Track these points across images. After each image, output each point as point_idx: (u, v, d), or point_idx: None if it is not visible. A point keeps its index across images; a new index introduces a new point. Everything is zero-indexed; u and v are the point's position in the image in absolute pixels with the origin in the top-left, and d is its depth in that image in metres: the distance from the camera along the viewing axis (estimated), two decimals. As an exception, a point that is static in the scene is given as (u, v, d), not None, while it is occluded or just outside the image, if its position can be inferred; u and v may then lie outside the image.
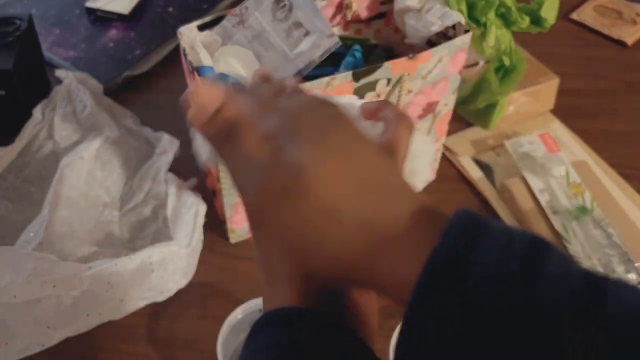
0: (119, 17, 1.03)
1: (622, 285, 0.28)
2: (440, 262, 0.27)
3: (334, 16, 0.76)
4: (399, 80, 0.66)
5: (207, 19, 0.67)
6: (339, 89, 0.63)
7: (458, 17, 0.68)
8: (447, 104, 0.74)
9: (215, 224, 0.75)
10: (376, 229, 0.30)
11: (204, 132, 0.36)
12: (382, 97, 0.67)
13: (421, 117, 0.73)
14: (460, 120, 0.88)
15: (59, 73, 0.88)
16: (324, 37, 0.63)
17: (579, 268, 0.28)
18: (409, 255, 0.29)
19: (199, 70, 0.62)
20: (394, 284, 0.30)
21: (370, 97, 0.66)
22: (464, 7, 0.71)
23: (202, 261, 0.72)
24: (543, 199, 0.77)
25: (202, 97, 0.36)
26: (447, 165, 0.85)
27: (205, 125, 0.36)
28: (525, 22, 0.74)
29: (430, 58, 0.66)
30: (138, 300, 0.67)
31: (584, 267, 0.29)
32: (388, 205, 0.31)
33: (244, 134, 0.34)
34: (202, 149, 0.39)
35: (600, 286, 0.27)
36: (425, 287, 0.27)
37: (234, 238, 0.76)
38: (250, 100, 0.36)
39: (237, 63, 0.66)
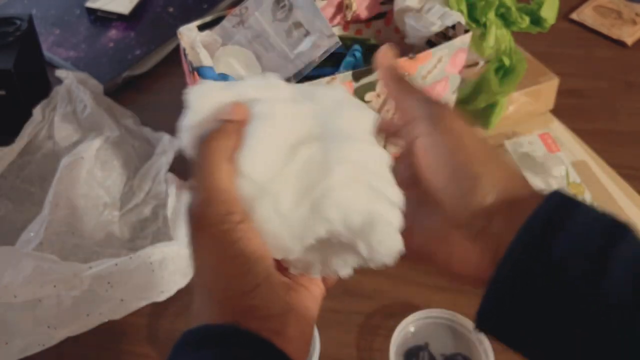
0: (119, 17, 1.03)
1: None
2: (536, 226, 0.33)
3: (334, 16, 0.76)
4: (399, 80, 0.66)
5: (207, 19, 0.67)
6: (339, 89, 0.63)
7: (458, 17, 0.68)
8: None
9: (215, 224, 0.75)
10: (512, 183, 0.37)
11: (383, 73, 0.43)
12: (382, 97, 0.67)
13: (421, 117, 0.73)
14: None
15: (59, 73, 0.88)
16: (324, 37, 0.63)
17: None
18: (526, 210, 0.34)
19: (199, 70, 0.62)
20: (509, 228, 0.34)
21: (370, 97, 0.66)
22: (463, 7, 0.71)
23: (202, 261, 0.71)
24: (543, 199, 0.77)
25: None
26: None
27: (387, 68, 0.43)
28: (525, 22, 0.74)
29: (430, 58, 0.66)
30: (138, 300, 0.67)
31: None
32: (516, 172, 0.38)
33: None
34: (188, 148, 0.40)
35: None
36: (519, 245, 0.33)
37: (234, 238, 0.76)
38: None
39: (237, 63, 0.66)
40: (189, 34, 0.64)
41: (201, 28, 0.66)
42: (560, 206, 0.34)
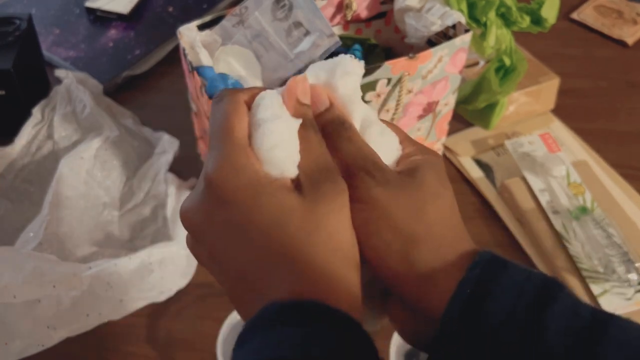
0: (119, 17, 1.03)
1: (627, 326, 0.32)
2: (468, 288, 0.33)
3: (334, 16, 0.75)
4: (399, 80, 0.66)
5: (207, 18, 0.66)
6: (339, 88, 0.63)
7: (458, 16, 0.68)
8: (447, 104, 0.74)
9: (215, 224, 0.75)
10: (447, 260, 0.35)
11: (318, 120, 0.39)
12: (382, 97, 0.67)
13: (421, 117, 0.73)
14: (460, 120, 0.88)
15: (59, 73, 0.88)
16: (324, 37, 0.63)
17: (587, 306, 0.33)
18: (450, 286, 0.34)
19: (199, 70, 0.62)
20: (434, 302, 0.34)
21: (370, 96, 0.66)
22: (464, 6, 0.71)
23: (202, 261, 0.71)
24: (543, 199, 0.77)
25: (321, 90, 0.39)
26: (447, 165, 0.85)
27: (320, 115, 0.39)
28: (525, 22, 0.74)
29: (430, 58, 0.66)
30: (138, 300, 0.67)
31: (592, 306, 0.33)
32: (460, 247, 0.36)
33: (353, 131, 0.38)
34: None
35: (603, 326, 0.32)
36: (454, 306, 0.33)
37: (233, 238, 0.75)
38: None
39: (237, 63, 0.65)
40: (189, 34, 0.64)
41: (201, 28, 0.66)
42: (486, 270, 0.33)
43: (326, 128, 0.37)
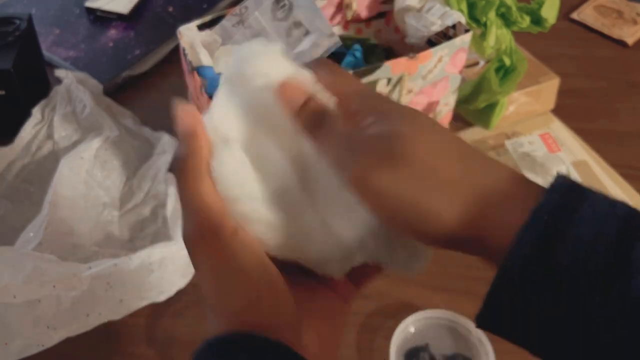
0: (119, 17, 1.03)
1: None
2: (546, 215, 0.30)
3: (334, 16, 0.75)
4: (399, 80, 0.66)
5: (207, 18, 0.67)
6: (339, 88, 0.63)
7: (458, 16, 0.68)
8: (447, 104, 0.74)
9: (215, 224, 0.75)
10: (481, 189, 0.32)
11: (297, 120, 0.37)
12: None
13: (421, 117, 0.73)
14: (461, 120, 0.88)
15: (59, 73, 0.88)
16: (324, 37, 0.63)
17: None
18: (514, 209, 0.31)
19: (198, 70, 0.62)
20: (498, 235, 0.31)
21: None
22: (464, 6, 0.71)
23: (202, 261, 0.71)
24: (543, 199, 0.77)
25: (291, 88, 0.37)
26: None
27: (297, 114, 0.37)
28: (525, 22, 0.74)
29: (430, 58, 0.66)
30: (138, 300, 0.67)
31: None
32: (489, 170, 0.33)
33: (338, 117, 0.35)
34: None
35: None
36: (529, 234, 0.29)
37: (233, 238, 0.75)
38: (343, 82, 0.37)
39: (237, 63, 0.65)
40: (189, 34, 0.64)
41: (201, 28, 0.66)
42: (567, 198, 0.31)
43: (310, 121, 0.36)
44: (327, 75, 0.37)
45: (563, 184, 0.31)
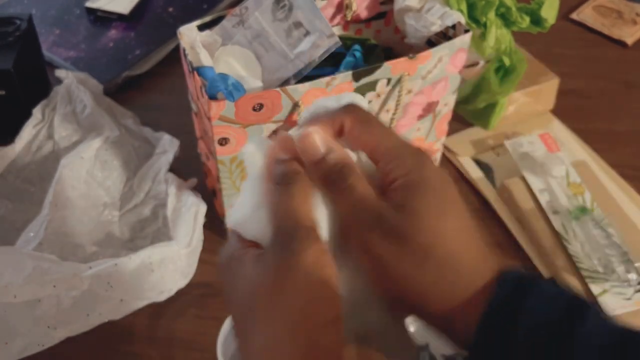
0: (119, 17, 1.03)
1: None
2: (497, 307, 0.34)
3: (334, 16, 0.76)
4: (399, 80, 0.66)
5: (207, 19, 0.67)
6: (339, 89, 0.63)
7: (458, 17, 0.68)
8: (447, 104, 0.74)
9: (215, 224, 0.75)
10: (471, 283, 0.36)
11: (315, 171, 0.37)
12: (382, 97, 0.67)
13: (421, 117, 0.73)
14: (460, 120, 0.88)
15: (59, 73, 0.88)
16: (324, 37, 0.63)
17: (615, 324, 0.34)
18: (479, 304, 0.35)
19: (199, 70, 0.62)
20: (466, 322, 0.35)
21: (370, 97, 0.66)
22: (464, 7, 0.71)
23: (202, 261, 0.71)
24: (543, 199, 0.77)
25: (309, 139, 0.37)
26: (447, 165, 0.85)
27: (316, 166, 0.37)
28: (525, 22, 0.74)
29: (430, 58, 0.66)
30: (138, 300, 0.67)
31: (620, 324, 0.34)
32: (481, 265, 0.36)
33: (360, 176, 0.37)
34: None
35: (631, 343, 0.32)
36: (484, 326, 0.34)
37: (234, 238, 0.75)
38: None
39: (237, 63, 0.66)
40: (189, 34, 0.64)
41: (201, 28, 0.66)
42: (515, 290, 0.34)
43: (325, 180, 0.36)
44: (359, 126, 0.37)
45: (513, 276, 0.35)
